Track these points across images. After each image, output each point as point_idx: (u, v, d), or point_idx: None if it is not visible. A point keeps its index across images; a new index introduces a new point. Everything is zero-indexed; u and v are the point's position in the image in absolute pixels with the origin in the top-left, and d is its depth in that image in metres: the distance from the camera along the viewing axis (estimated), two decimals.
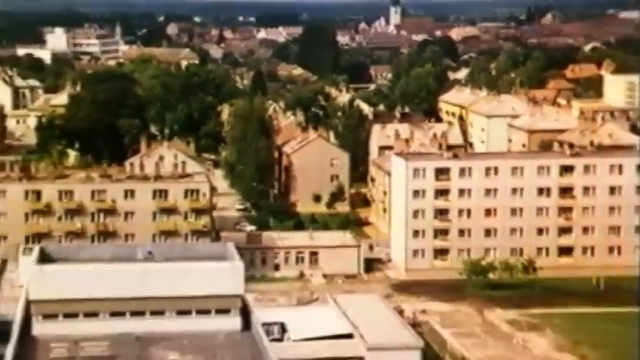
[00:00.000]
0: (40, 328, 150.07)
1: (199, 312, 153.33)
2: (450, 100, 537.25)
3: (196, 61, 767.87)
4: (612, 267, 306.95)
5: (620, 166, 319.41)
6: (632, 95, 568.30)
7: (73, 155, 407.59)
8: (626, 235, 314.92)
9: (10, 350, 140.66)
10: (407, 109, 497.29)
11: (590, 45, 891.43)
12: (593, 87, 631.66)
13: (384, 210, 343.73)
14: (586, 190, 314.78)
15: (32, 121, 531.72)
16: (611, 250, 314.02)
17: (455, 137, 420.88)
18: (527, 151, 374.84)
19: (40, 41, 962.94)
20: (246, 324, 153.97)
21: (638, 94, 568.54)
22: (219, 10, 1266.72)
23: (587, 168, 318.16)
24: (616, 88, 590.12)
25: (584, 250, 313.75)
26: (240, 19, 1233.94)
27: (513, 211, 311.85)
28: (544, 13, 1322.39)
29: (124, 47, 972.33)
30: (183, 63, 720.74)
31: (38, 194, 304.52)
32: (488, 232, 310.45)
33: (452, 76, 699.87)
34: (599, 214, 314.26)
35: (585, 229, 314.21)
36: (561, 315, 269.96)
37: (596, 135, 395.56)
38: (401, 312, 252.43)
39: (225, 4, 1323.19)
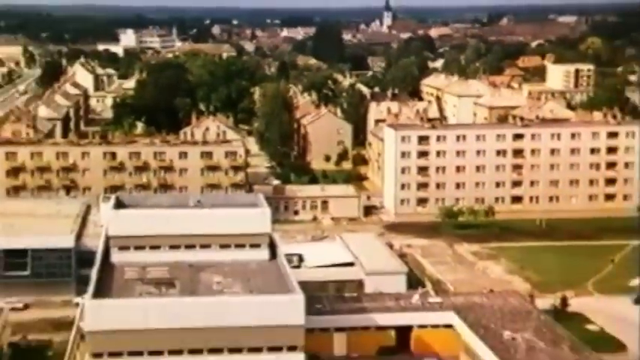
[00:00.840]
0: (116, 257, 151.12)
1: (237, 246, 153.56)
2: (429, 84, 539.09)
3: (234, 54, 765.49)
4: (552, 211, 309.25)
5: (559, 134, 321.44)
6: (568, 80, 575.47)
7: (140, 126, 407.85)
8: (563, 187, 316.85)
9: (94, 272, 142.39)
10: (396, 91, 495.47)
11: (536, 42, 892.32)
12: (538, 74, 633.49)
13: (379, 167, 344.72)
14: (533, 152, 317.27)
15: (109, 101, 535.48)
16: (551, 198, 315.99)
17: (433, 112, 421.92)
18: (488, 123, 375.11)
19: (115, 39, 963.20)
20: (273, 255, 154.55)
21: (572, 80, 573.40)
22: (251, 14, 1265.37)
23: (533, 136, 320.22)
24: (555, 75, 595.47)
25: (531, 198, 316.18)
26: (268, 21, 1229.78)
27: (477, 169, 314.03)
28: (501, 17, 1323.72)
29: (178, 44, 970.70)
30: (224, 55, 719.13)
31: (113, 155, 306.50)
32: (458, 185, 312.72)
33: (431, 65, 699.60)
34: (542, 170, 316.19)
35: (532, 183, 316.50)
36: (512, 248, 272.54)
37: (541, 110, 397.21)
38: (391, 246, 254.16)
39: (256, 10, 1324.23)
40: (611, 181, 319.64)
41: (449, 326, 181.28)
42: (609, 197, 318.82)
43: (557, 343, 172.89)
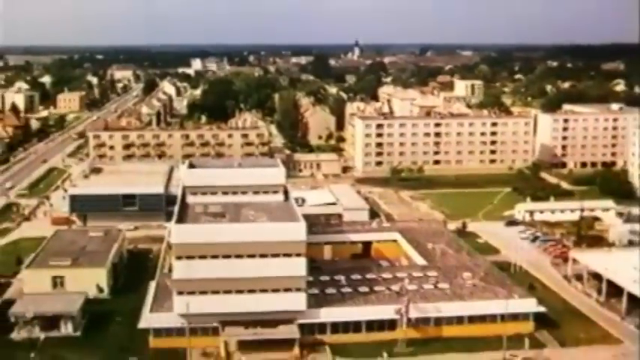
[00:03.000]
0: (189, 199, 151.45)
1: (264, 192, 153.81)
2: (383, 91, 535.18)
3: (262, 73, 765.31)
4: (458, 170, 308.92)
5: (462, 123, 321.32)
6: (467, 90, 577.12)
7: (204, 119, 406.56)
8: (464, 155, 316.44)
9: (176, 208, 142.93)
10: (363, 96, 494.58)
11: (448, 67, 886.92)
12: (449, 86, 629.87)
13: (352, 143, 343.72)
14: (446, 134, 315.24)
15: (184, 102, 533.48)
16: (457, 161, 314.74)
17: (385, 109, 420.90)
18: (419, 116, 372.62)
19: (188, 65, 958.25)
20: (286, 198, 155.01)
21: (469, 90, 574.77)
22: (273, 48, 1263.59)
23: (447, 124, 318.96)
24: (460, 87, 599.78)
25: (446, 161, 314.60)
26: (283, 52, 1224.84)
27: (413, 144, 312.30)
28: (427, 50, 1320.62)
29: (227, 67, 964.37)
30: (256, 74, 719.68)
31: (187, 136, 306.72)
32: (401, 154, 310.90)
33: (384, 80, 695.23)
34: (452, 144, 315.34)
35: (446, 152, 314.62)
36: (434, 193, 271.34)
37: (451, 108, 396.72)
38: (359, 192, 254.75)
39: (275, 45, 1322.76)
40: (493, 152, 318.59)
41: (394, 241, 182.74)
42: (492, 161, 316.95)
43: (459, 250, 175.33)
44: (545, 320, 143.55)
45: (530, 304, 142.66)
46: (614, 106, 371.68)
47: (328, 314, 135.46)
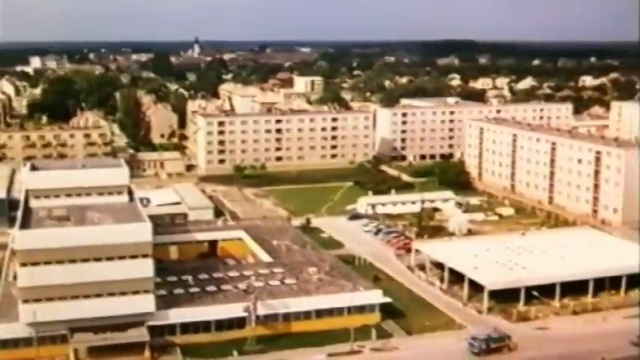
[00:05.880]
0: (33, 203, 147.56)
1: (108, 193, 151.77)
2: (224, 89, 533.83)
3: (103, 71, 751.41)
4: (300, 166, 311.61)
5: (303, 119, 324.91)
6: (307, 87, 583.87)
7: (44, 119, 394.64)
8: (306, 150, 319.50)
9: (19, 213, 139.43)
10: (204, 93, 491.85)
11: (287, 63, 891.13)
12: (289, 83, 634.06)
13: (195, 141, 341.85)
14: (287, 130, 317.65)
15: (24, 102, 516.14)
16: (299, 157, 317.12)
17: (227, 106, 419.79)
18: (260, 113, 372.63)
19: (27, 63, 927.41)
20: (131, 199, 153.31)
21: (309, 86, 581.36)
22: (113, 45, 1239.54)
23: (288, 120, 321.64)
24: (300, 83, 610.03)
25: (289, 157, 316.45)
26: (124, 49, 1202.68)
27: (255, 141, 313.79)
28: (266, 47, 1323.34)
29: (68, 65, 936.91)
30: (97, 72, 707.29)
31: (28, 137, 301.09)
32: (243, 151, 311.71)
33: (224, 77, 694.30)
34: (294, 141, 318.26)
35: (288, 148, 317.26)
36: (277, 190, 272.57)
37: (291, 105, 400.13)
38: (203, 191, 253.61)
39: (116, 42, 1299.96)
40: (334, 147, 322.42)
41: (240, 239, 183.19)
42: (333, 156, 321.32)
43: (304, 246, 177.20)
44: (391, 311, 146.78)
45: (375, 296, 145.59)
46: (451, 100, 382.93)
47: (177, 315, 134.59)
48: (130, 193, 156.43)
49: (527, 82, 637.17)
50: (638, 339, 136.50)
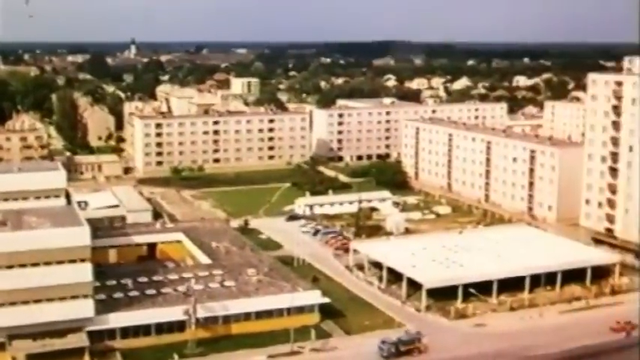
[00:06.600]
0: None
1: (45, 197, 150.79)
2: (161, 90, 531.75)
3: (38, 73, 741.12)
4: (238, 167, 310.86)
5: (240, 120, 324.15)
6: (244, 88, 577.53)
7: None
8: (243, 152, 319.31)
9: None
10: (141, 95, 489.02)
11: (224, 64, 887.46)
12: (226, 84, 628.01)
13: (132, 143, 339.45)
14: (225, 131, 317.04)
15: None
16: (237, 159, 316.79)
17: (164, 108, 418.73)
18: (197, 114, 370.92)
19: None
20: (69, 202, 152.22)
21: (246, 88, 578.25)
22: (48, 46, 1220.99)
23: (225, 122, 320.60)
24: (237, 85, 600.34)
25: (226, 159, 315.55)
26: (59, 50, 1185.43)
27: (192, 142, 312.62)
28: (202, 48, 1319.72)
29: (2, 66, 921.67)
30: (32, 73, 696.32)
31: None
32: (180, 152, 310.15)
33: (161, 78, 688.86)
34: (231, 142, 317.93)
35: (225, 150, 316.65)
36: (215, 192, 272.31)
37: (228, 106, 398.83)
38: (141, 193, 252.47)
39: (51, 43, 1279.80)
40: (271, 148, 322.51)
41: (179, 241, 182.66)
42: (271, 157, 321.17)
43: (243, 247, 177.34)
44: (330, 311, 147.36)
45: (314, 296, 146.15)
46: (387, 100, 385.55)
47: (117, 319, 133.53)
48: (68, 196, 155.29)
49: (462, 82, 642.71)
50: (618, 324, 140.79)
